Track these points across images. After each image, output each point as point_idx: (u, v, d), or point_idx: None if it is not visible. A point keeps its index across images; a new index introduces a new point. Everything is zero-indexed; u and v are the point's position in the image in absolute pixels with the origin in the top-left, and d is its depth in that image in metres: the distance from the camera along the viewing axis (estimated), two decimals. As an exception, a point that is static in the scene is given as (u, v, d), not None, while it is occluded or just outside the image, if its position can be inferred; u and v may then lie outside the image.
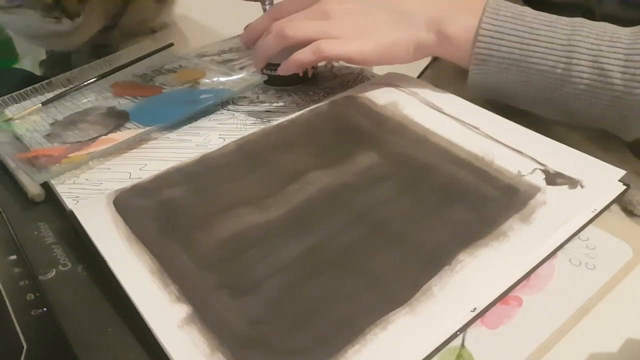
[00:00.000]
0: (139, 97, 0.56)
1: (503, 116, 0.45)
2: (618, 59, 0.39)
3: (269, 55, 0.49)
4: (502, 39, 0.43)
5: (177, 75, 0.61)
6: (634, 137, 0.43)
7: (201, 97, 0.54)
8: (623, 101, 0.40)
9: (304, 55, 0.46)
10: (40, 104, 0.56)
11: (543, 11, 0.44)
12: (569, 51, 0.40)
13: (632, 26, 0.41)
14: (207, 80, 0.58)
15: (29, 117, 0.55)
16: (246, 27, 0.55)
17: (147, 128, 0.49)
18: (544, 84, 0.42)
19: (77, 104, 0.56)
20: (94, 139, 0.49)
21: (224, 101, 0.54)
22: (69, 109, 0.55)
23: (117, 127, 0.51)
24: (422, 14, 0.46)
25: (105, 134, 0.50)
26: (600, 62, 0.39)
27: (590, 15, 0.51)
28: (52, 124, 0.53)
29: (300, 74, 0.56)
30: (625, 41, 0.39)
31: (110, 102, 0.56)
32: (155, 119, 0.50)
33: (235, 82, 0.56)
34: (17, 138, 0.51)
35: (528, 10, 0.43)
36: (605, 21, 0.42)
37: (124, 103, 0.55)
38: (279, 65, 0.55)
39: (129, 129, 0.51)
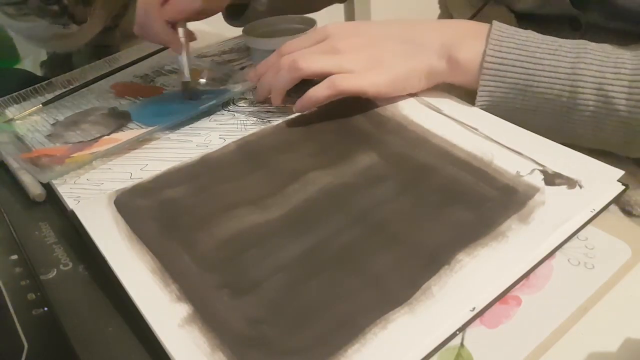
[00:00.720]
0: (140, 98, 0.57)
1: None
2: (623, 86, 0.39)
3: (284, 90, 0.49)
4: (507, 71, 0.43)
5: (178, 75, 0.61)
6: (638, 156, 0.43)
7: (203, 97, 0.55)
8: (628, 126, 0.40)
9: (319, 92, 0.46)
10: (40, 105, 0.56)
11: (531, 22, 0.44)
12: (574, 80, 0.40)
13: (617, 36, 0.41)
14: (208, 81, 0.58)
15: (29, 117, 0.55)
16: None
17: (150, 128, 0.49)
18: (549, 111, 0.42)
19: (77, 104, 0.56)
20: (96, 139, 0.49)
21: (225, 102, 0.54)
22: (69, 109, 0.56)
23: (119, 128, 0.51)
24: (433, 41, 0.46)
25: (108, 134, 0.50)
26: (605, 90, 0.39)
27: (577, 24, 0.51)
28: (53, 124, 0.53)
29: None
30: (629, 66, 0.39)
31: (111, 103, 0.56)
32: (158, 120, 0.51)
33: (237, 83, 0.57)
34: (19, 138, 0.51)
35: (531, 36, 0.43)
36: (590, 31, 0.42)
37: (125, 103, 0.56)
38: None
39: (131, 129, 0.51)
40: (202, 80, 0.58)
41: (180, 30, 0.53)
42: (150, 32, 0.52)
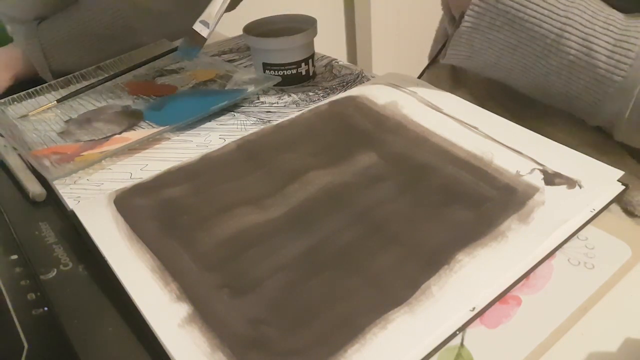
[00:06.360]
0: (154, 97, 0.56)
1: (502, 116, 0.45)
2: (607, 42, 0.39)
3: None
4: None
5: (191, 74, 0.61)
6: (597, 124, 0.43)
7: (215, 97, 0.54)
8: (601, 85, 0.40)
9: None
10: (55, 101, 0.56)
11: None
12: (564, 22, 0.40)
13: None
14: (221, 81, 0.58)
15: (43, 114, 0.55)
16: None
17: (161, 128, 0.49)
18: (530, 50, 0.42)
19: (91, 101, 0.56)
20: (107, 138, 0.49)
21: (237, 102, 0.54)
22: (83, 107, 0.56)
23: (130, 126, 0.51)
24: None
25: (119, 133, 0.50)
26: (590, 42, 0.39)
27: None
28: (66, 122, 0.53)
29: (303, 73, 0.56)
30: (619, 26, 0.39)
31: (125, 101, 0.56)
32: (170, 119, 0.50)
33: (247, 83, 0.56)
34: (31, 135, 0.51)
35: None
36: None
37: (138, 102, 0.56)
38: (279, 65, 0.55)
39: (142, 128, 0.51)
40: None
41: None
42: None
